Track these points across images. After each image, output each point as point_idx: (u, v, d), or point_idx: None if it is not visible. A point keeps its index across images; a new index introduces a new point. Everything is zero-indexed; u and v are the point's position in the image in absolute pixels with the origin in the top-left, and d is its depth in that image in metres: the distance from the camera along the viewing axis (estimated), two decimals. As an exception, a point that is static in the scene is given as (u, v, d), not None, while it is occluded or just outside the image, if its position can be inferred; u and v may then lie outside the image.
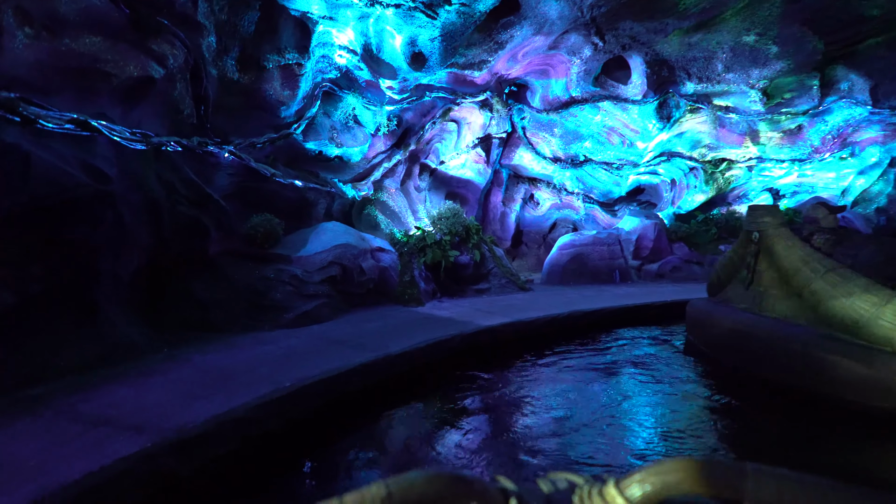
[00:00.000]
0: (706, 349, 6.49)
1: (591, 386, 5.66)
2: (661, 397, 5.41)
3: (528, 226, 14.70)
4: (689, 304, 7.21)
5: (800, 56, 11.12)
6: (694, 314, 6.95)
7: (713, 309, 6.49)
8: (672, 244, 13.27)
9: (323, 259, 8.07)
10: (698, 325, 6.77)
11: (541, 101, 12.31)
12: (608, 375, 6.06)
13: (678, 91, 12.34)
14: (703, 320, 6.64)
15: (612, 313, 8.99)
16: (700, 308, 6.82)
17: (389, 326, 7.61)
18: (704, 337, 6.55)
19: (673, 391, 5.55)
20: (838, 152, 14.05)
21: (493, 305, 9.24)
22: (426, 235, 9.44)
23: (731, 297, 6.46)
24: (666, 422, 4.75)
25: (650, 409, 5.08)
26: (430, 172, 11.69)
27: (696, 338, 6.82)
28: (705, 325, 6.54)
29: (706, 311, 6.59)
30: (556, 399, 5.28)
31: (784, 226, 5.73)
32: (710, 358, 6.34)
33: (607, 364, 6.53)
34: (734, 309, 6.19)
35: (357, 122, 9.39)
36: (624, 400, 5.22)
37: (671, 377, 5.96)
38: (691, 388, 5.66)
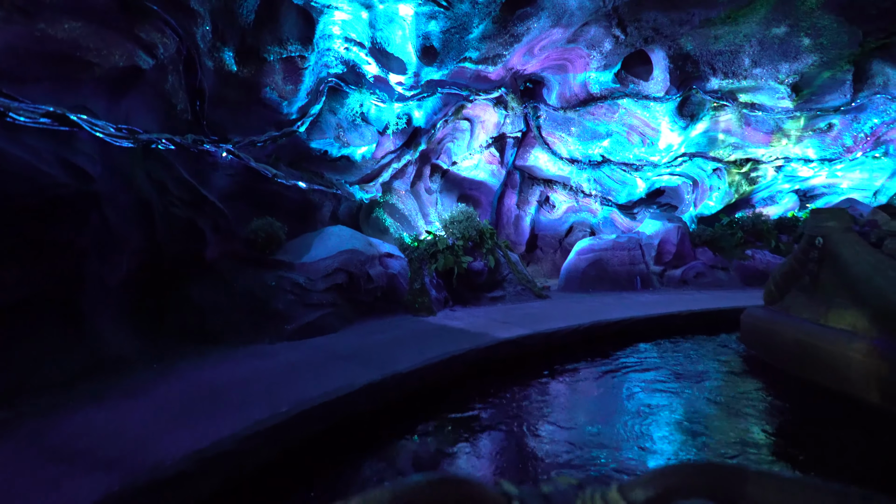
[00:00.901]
0: (767, 360, 6.21)
1: (637, 410, 5.05)
2: (736, 422, 4.76)
3: (543, 229, 14.11)
4: (744, 312, 6.88)
5: (834, 48, 10.46)
6: (751, 323, 6.63)
7: (773, 318, 6.18)
8: (695, 249, 12.61)
9: (328, 266, 7.55)
10: (757, 336, 6.49)
11: (557, 99, 11.74)
12: (657, 395, 5.45)
13: (702, 87, 11.72)
14: (762, 330, 6.35)
15: (639, 323, 8.37)
16: (758, 317, 6.50)
17: (398, 339, 7.07)
18: (764, 347, 6.29)
19: (749, 411, 4.88)
20: (871, 151, 13.32)
21: (510, 315, 8.66)
22: (437, 240, 8.90)
23: (790, 305, 6.09)
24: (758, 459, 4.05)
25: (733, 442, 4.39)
26: (442, 174, 11.16)
27: (755, 348, 6.56)
28: (765, 336, 6.27)
29: (766, 321, 6.29)
30: (596, 429, 4.67)
31: (850, 230, 5.41)
32: (772, 369, 5.98)
33: (652, 382, 5.91)
34: (797, 319, 5.81)
35: (365, 121, 8.88)
36: (694, 434, 4.51)
37: (736, 395, 5.31)
38: (762, 405, 5.01)
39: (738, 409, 4.93)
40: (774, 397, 5.26)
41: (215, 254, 6.83)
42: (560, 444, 4.25)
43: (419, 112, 9.76)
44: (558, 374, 6.26)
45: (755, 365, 6.40)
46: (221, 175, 6.96)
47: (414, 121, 9.83)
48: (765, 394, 5.36)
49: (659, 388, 5.62)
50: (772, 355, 6.11)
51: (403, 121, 9.42)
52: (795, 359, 5.59)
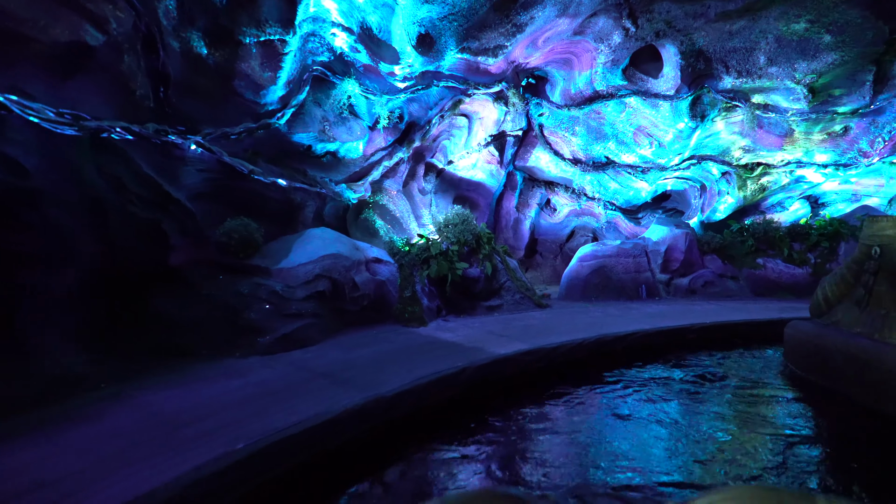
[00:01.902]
0: (815, 379, 5.79)
1: (668, 454, 4.43)
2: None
3: (543, 234, 13.51)
4: (789, 326, 6.47)
5: (857, 46, 9.90)
6: (797, 338, 6.20)
7: (823, 333, 5.78)
8: (703, 257, 12.04)
9: (309, 272, 6.92)
10: (803, 352, 6.07)
11: (561, 96, 11.14)
12: (694, 428, 4.83)
13: (714, 86, 11.14)
14: (810, 346, 5.93)
15: (649, 338, 7.77)
16: (806, 332, 6.08)
17: (385, 353, 6.45)
18: (812, 365, 5.87)
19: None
20: (888, 157, 12.77)
21: (508, 326, 8.05)
22: (430, 245, 8.28)
23: (841, 319, 5.75)
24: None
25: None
26: (437, 173, 10.54)
27: (800, 366, 6.13)
28: (813, 352, 5.86)
29: (815, 336, 5.88)
30: (620, 478, 4.05)
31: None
32: (822, 389, 5.59)
33: (684, 412, 5.28)
34: (849, 334, 5.46)
35: (353, 114, 8.25)
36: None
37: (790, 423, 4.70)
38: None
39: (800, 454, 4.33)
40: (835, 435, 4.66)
41: (182, 259, 6.19)
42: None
43: (413, 106, 9.14)
44: (563, 398, 5.65)
45: (800, 385, 5.85)
46: (191, 171, 6.33)
47: (407, 116, 9.21)
48: (820, 426, 4.75)
49: (696, 419, 5.00)
50: (821, 374, 5.69)
51: (395, 115, 8.80)
52: (849, 378, 5.21)
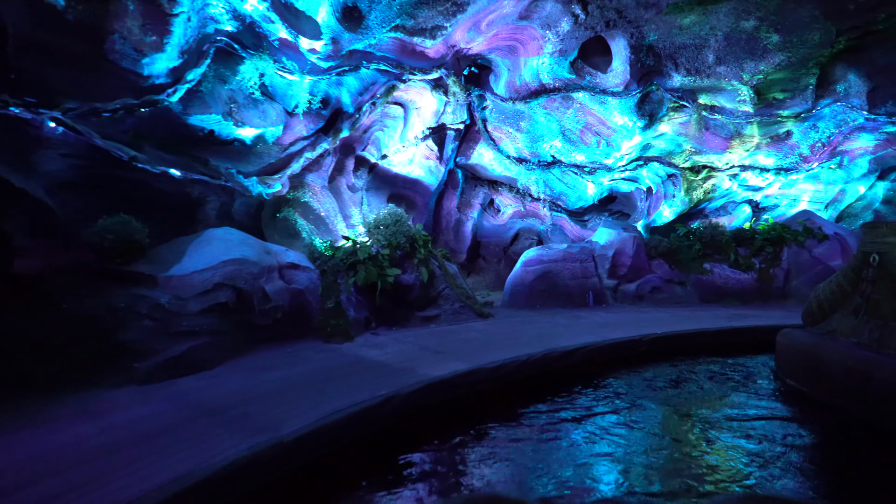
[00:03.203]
0: (810, 391, 5.60)
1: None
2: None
3: (486, 236, 12.82)
4: (781, 334, 6.28)
5: (803, 47, 9.81)
6: (791, 348, 6.03)
7: (819, 343, 5.62)
8: (651, 261, 11.70)
9: (206, 280, 5.83)
10: (798, 362, 5.88)
11: (506, 88, 10.47)
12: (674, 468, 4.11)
13: (663, 84, 10.81)
14: (805, 356, 5.75)
15: (600, 352, 7.16)
16: (801, 341, 5.90)
17: (298, 378, 5.48)
18: (807, 377, 5.68)
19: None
20: (827, 162, 12.97)
21: (445, 340, 7.24)
22: (358, 248, 7.34)
23: (837, 328, 5.63)
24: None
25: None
26: (369, 168, 9.59)
27: (794, 377, 5.92)
28: (809, 363, 5.66)
29: (811, 346, 5.70)
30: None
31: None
32: (820, 405, 5.36)
33: (650, 446, 4.58)
34: (848, 344, 5.34)
35: (268, 96, 7.18)
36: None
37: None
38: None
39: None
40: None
41: (35, 266, 4.97)
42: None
43: (340, 91, 8.14)
44: (509, 431, 4.85)
45: (794, 399, 5.55)
46: (52, 156, 5.12)
47: (333, 101, 8.20)
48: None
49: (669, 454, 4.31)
50: (817, 386, 5.50)
51: (318, 99, 7.77)
52: (849, 392, 5.05)
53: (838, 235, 11.66)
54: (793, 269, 11.56)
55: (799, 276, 11.45)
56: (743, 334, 8.28)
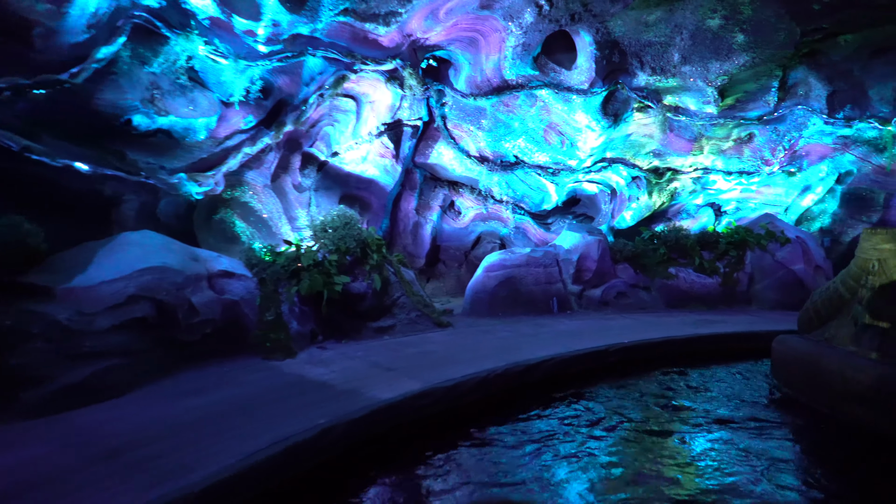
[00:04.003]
0: (808, 401, 5.52)
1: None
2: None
3: (447, 240, 12.25)
4: (777, 341, 6.21)
5: (768, 47, 9.68)
6: (788, 355, 5.96)
7: (818, 352, 5.54)
8: (616, 266, 11.39)
9: (117, 291, 5.04)
10: (795, 371, 5.82)
11: (467, 83, 9.95)
12: None
13: (628, 83, 10.53)
14: (803, 364, 5.68)
15: (565, 364, 6.68)
16: (798, 349, 5.84)
17: (225, 405, 4.78)
18: (805, 385, 5.61)
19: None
20: (787, 166, 13.00)
21: (399, 355, 6.63)
22: (302, 254, 6.64)
23: (835, 336, 5.57)
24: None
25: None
26: (318, 166, 8.87)
27: (791, 385, 5.86)
28: (807, 371, 5.58)
29: (808, 354, 5.62)
30: None
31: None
32: (821, 416, 5.30)
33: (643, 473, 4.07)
34: (848, 353, 5.26)
35: (198, 82, 6.41)
36: None
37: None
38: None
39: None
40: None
41: None
42: None
43: (283, 79, 7.39)
44: (462, 461, 4.28)
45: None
46: (-80, 143, 4.23)
47: (275, 91, 7.45)
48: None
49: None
50: (815, 396, 5.43)
51: (257, 88, 7.01)
52: (852, 402, 4.97)
53: (799, 239, 11.65)
54: (756, 272, 11.46)
55: (762, 279, 11.35)
56: (713, 342, 8.02)
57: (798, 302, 11.17)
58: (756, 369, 7.09)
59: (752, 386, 6.37)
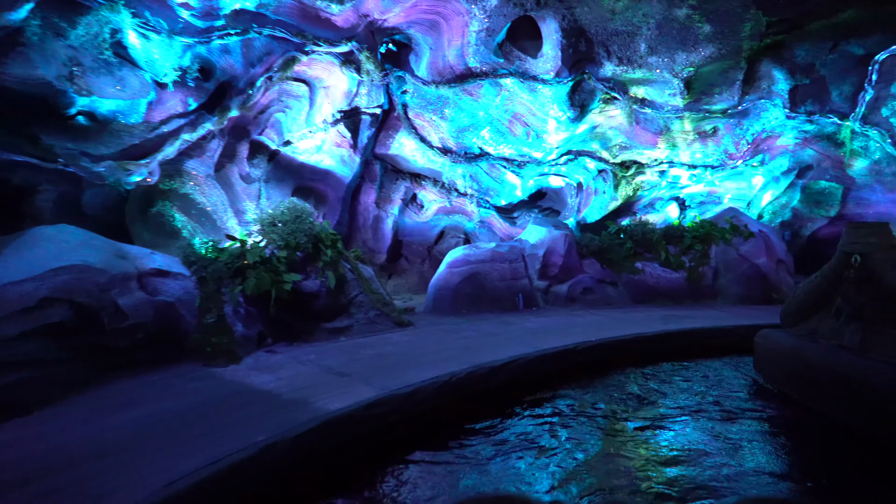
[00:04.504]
0: (791, 394, 5.60)
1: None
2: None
3: (409, 235, 11.83)
4: (759, 335, 6.27)
5: (733, 39, 9.62)
6: (772, 350, 6.00)
7: (802, 346, 5.61)
8: (582, 261, 11.19)
9: (28, 294, 4.46)
10: (778, 365, 5.89)
11: (428, 70, 9.52)
12: None
13: (595, 73, 10.31)
14: (786, 359, 5.73)
15: (531, 365, 6.38)
16: (781, 343, 5.89)
17: (153, 421, 4.28)
18: (788, 379, 5.70)
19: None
20: (750, 159, 13.06)
21: (355, 358, 6.21)
22: (247, 250, 6.11)
23: (818, 330, 5.61)
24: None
25: None
26: (269, 156, 8.31)
27: (774, 380, 5.94)
28: (791, 366, 5.65)
29: (792, 348, 5.68)
30: None
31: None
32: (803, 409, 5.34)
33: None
34: (832, 348, 5.32)
35: (126, 59, 5.78)
36: None
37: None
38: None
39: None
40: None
41: None
42: None
43: (226, 60, 6.81)
44: (415, 481, 3.90)
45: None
46: None
47: (217, 72, 6.86)
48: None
49: None
50: (799, 390, 5.51)
51: (196, 68, 6.41)
52: (834, 397, 5.02)
53: (762, 233, 11.69)
54: (721, 267, 11.44)
55: (727, 274, 11.34)
56: (681, 337, 7.88)
57: (761, 296, 11.31)
58: (729, 366, 6.98)
59: (728, 385, 6.20)
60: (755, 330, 8.27)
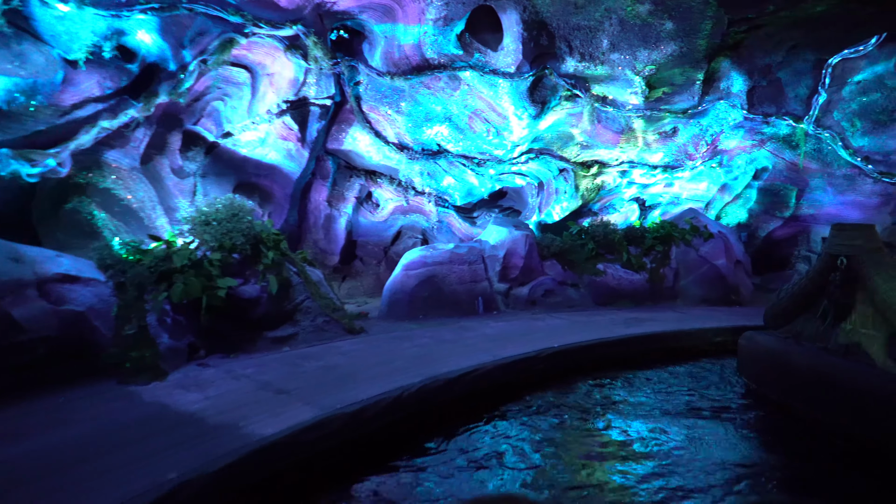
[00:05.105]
0: (775, 396, 5.60)
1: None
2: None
3: (364, 235, 11.25)
4: (744, 337, 6.26)
5: (695, 37, 9.48)
6: (756, 352, 6.00)
7: (786, 348, 5.60)
8: (544, 262, 10.88)
9: None
10: (762, 367, 5.88)
11: (383, 60, 8.97)
12: None
13: (557, 69, 10.01)
14: (770, 361, 5.73)
15: (490, 375, 6.00)
16: (765, 345, 5.87)
17: (50, 455, 3.67)
18: (772, 381, 5.68)
19: None
20: (709, 161, 13.09)
21: (298, 370, 5.65)
22: (174, 252, 5.44)
23: (802, 332, 5.61)
24: None
25: None
26: (207, 148, 7.60)
27: (758, 381, 5.93)
28: (775, 368, 5.65)
29: (777, 351, 5.67)
30: None
31: (881, 250, 4.96)
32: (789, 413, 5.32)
33: None
34: (816, 350, 5.33)
35: (28, 32, 5.02)
36: None
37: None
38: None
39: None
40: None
41: None
42: None
43: (152, 38, 6.09)
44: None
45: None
46: None
47: (142, 52, 6.13)
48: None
49: None
50: (783, 391, 5.52)
51: (113, 46, 5.68)
52: (817, 399, 5.04)
53: (721, 234, 11.69)
54: (681, 268, 11.37)
55: (687, 275, 11.28)
56: (646, 342, 7.65)
57: (721, 297, 11.29)
58: (697, 371, 6.78)
59: (688, 395, 5.94)
60: (719, 333, 8.23)
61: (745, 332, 6.32)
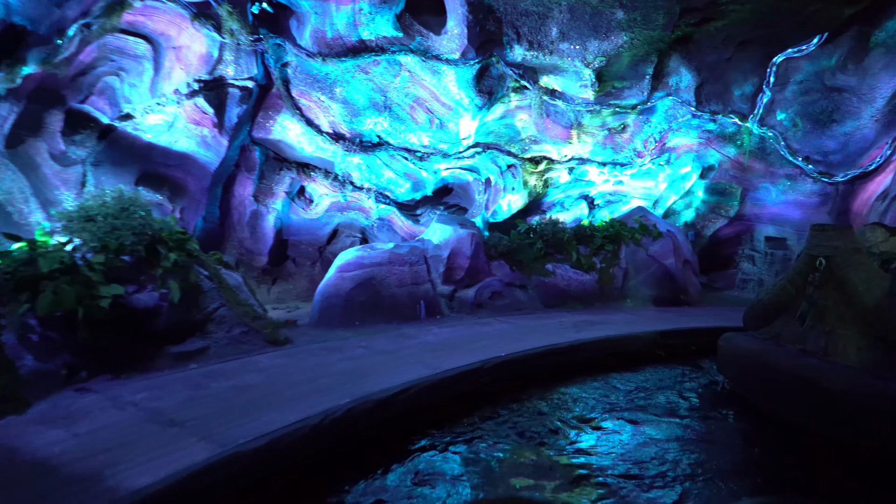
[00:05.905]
0: (754, 398, 5.62)
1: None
2: None
3: (296, 233, 10.31)
4: (723, 338, 6.15)
5: (647, 28, 9.18)
6: (735, 353, 5.94)
7: (765, 350, 5.56)
8: (491, 262, 10.31)
9: None
10: (742, 368, 5.86)
11: (313, 39, 8.12)
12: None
13: (503, 56, 9.47)
14: (750, 362, 5.70)
15: (429, 391, 5.35)
16: (745, 347, 5.81)
17: None
18: (751, 383, 5.69)
19: None
20: (657, 158, 12.93)
21: (202, 395, 4.79)
22: (40, 255, 4.45)
23: (782, 333, 5.59)
24: None
25: None
26: (101, 132, 6.52)
27: (738, 383, 5.93)
28: (754, 369, 5.63)
29: (756, 352, 5.63)
30: None
31: (860, 251, 4.92)
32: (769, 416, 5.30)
33: None
34: (795, 351, 5.28)
35: None
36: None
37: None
38: None
39: None
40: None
41: None
42: None
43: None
44: None
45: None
46: None
47: (1, 12, 5.06)
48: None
49: None
50: (762, 393, 5.51)
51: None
52: (795, 400, 5.04)
53: (670, 233, 11.48)
54: (630, 268, 11.08)
55: (637, 275, 11.00)
56: (599, 347, 7.19)
57: (670, 297, 11.07)
58: (655, 378, 6.39)
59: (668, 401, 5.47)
60: (671, 336, 7.90)
61: (724, 334, 6.22)
